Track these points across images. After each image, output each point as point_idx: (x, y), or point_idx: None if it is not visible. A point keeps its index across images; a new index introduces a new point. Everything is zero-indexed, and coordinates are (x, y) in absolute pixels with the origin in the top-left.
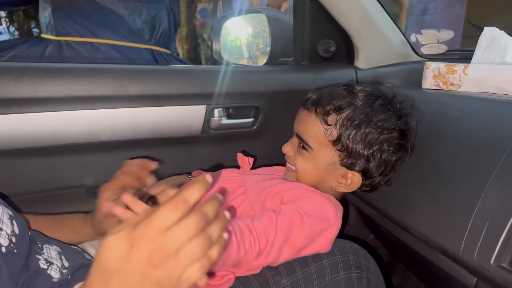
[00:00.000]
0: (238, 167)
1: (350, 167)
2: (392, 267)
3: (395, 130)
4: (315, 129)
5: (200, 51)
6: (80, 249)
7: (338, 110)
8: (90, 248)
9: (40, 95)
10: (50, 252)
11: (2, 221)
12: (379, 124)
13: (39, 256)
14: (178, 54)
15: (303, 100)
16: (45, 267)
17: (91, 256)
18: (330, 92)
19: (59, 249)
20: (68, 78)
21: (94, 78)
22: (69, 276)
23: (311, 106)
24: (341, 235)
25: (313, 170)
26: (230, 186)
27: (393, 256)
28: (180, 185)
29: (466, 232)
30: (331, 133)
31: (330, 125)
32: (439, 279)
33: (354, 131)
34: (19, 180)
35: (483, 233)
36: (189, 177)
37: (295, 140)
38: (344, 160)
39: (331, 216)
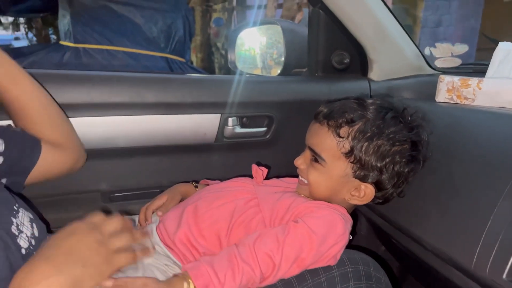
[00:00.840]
0: (250, 176)
1: (363, 179)
2: (403, 280)
3: (406, 141)
4: (328, 141)
5: (213, 59)
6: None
7: (350, 122)
8: None
9: (60, 101)
10: (24, 218)
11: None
12: (391, 136)
13: (14, 219)
14: (192, 63)
15: (315, 114)
16: (16, 233)
17: None
18: (342, 105)
19: (31, 216)
20: (87, 85)
21: (112, 85)
22: (34, 252)
23: (323, 119)
24: (352, 246)
25: (326, 183)
26: (242, 197)
27: (404, 268)
28: (184, 193)
29: (479, 246)
30: (343, 146)
31: (343, 138)
32: None
33: (366, 143)
34: (35, 184)
35: (495, 247)
36: (195, 186)
37: (307, 153)
38: (357, 172)
39: (340, 233)
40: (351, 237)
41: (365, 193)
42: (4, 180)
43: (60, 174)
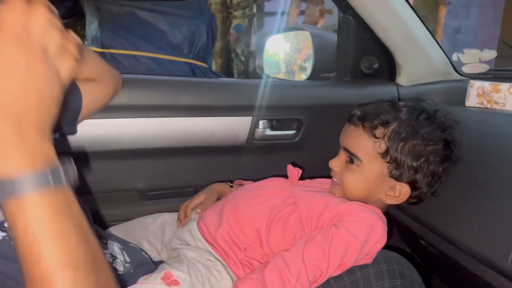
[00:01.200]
0: (282, 176)
1: (398, 178)
2: (430, 282)
3: (440, 141)
4: (364, 142)
5: (233, 65)
6: (138, 248)
7: (385, 124)
8: (145, 243)
9: None
10: (114, 247)
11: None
12: (425, 136)
13: (105, 251)
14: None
15: (349, 116)
16: (111, 260)
17: (147, 255)
18: (375, 108)
19: (120, 246)
20: (128, 88)
21: (151, 88)
22: (132, 270)
23: (357, 121)
24: (385, 246)
25: (362, 184)
26: (279, 195)
27: (430, 270)
28: (220, 192)
29: None
30: (379, 146)
31: (378, 138)
32: None
33: (402, 143)
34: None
35: None
36: (230, 185)
37: (342, 155)
38: (393, 172)
39: (379, 235)
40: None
41: (401, 192)
42: (57, 135)
43: (104, 104)
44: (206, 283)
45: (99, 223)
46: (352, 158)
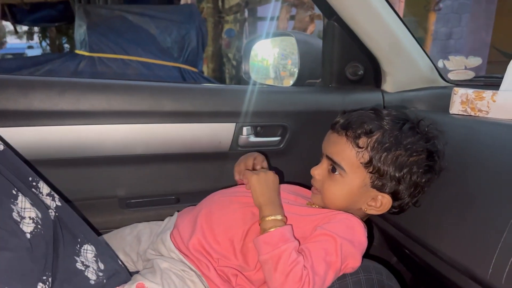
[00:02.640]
0: None
1: (380, 189)
2: None
3: (423, 152)
4: (347, 151)
5: (224, 70)
6: (115, 255)
7: (369, 133)
8: (121, 254)
9: (81, 109)
10: (87, 255)
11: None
12: (408, 146)
13: (76, 258)
14: (203, 73)
15: (332, 124)
16: (82, 269)
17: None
18: (359, 116)
19: (95, 252)
20: (107, 93)
21: (131, 94)
22: (104, 281)
23: (341, 130)
24: (365, 255)
25: (344, 194)
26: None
27: (416, 279)
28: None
29: (495, 256)
30: (362, 156)
31: (362, 148)
32: None
33: (385, 154)
34: (54, 188)
35: (511, 258)
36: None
37: (325, 163)
38: (375, 182)
39: (361, 233)
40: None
41: (382, 203)
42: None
43: None
44: None
45: None
46: (334, 167)
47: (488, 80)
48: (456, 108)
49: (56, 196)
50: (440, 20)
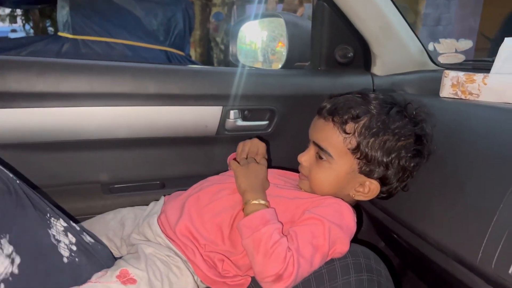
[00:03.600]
0: None
1: (368, 174)
2: (402, 275)
3: (411, 136)
4: (334, 137)
5: (212, 54)
6: (82, 229)
7: (356, 118)
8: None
9: (61, 91)
10: (57, 227)
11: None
12: (396, 131)
13: (48, 231)
14: (191, 57)
15: (318, 109)
16: (55, 243)
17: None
18: (346, 101)
19: (63, 224)
20: (88, 75)
21: (114, 75)
22: (77, 259)
23: (327, 115)
24: (353, 239)
25: (331, 180)
26: None
27: (404, 264)
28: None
29: (484, 241)
30: (350, 142)
31: (349, 134)
32: None
33: (372, 139)
34: (35, 173)
35: (501, 242)
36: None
37: (312, 149)
38: (363, 168)
39: (349, 219)
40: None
41: (370, 189)
42: None
43: None
44: (165, 280)
45: None
46: (322, 154)
47: (479, 64)
48: (446, 91)
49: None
50: (429, 6)
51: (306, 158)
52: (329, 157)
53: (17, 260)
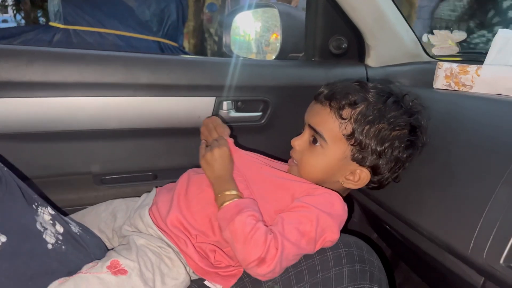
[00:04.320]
0: None
1: (360, 162)
2: (394, 266)
3: (406, 127)
4: (330, 122)
5: (206, 46)
6: (70, 221)
7: (353, 105)
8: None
9: (51, 80)
10: (44, 216)
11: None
12: (392, 120)
13: (36, 218)
14: (184, 48)
15: (315, 94)
16: (41, 230)
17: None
18: (344, 87)
19: (51, 212)
20: (79, 64)
21: (105, 65)
22: (63, 247)
23: (325, 100)
24: (345, 230)
25: (323, 166)
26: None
27: (396, 255)
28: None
29: (476, 232)
30: (345, 127)
31: (345, 119)
32: (444, 279)
33: (367, 126)
34: (25, 164)
35: (493, 233)
36: None
37: (306, 133)
38: (356, 155)
39: (339, 208)
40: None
41: (360, 177)
42: None
43: None
44: (156, 271)
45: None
46: (316, 138)
47: (472, 56)
48: (440, 82)
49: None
50: None
51: (299, 142)
52: (323, 142)
53: (2, 238)
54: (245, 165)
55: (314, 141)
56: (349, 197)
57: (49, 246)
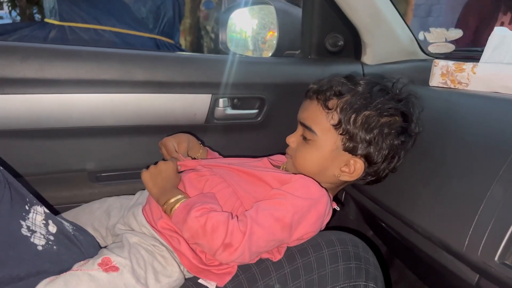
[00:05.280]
0: (239, 157)
1: (352, 151)
2: (390, 264)
3: (395, 113)
4: (317, 114)
5: (203, 43)
6: (64, 221)
7: (338, 95)
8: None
9: (46, 77)
10: (36, 217)
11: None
12: (379, 106)
13: (22, 222)
14: (181, 45)
15: (305, 91)
16: (28, 235)
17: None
18: (330, 80)
19: (44, 213)
20: (74, 61)
21: (100, 62)
22: (55, 247)
23: (312, 95)
24: (341, 228)
25: (315, 158)
26: (219, 187)
27: (391, 252)
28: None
29: (471, 229)
30: (332, 117)
31: (331, 109)
32: (439, 276)
33: (354, 115)
34: (19, 161)
35: (488, 230)
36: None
37: (299, 130)
38: (347, 144)
39: (315, 191)
40: (337, 208)
41: (355, 168)
42: None
43: None
44: (149, 268)
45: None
46: (306, 132)
47: (468, 54)
48: (436, 80)
49: None
50: None
51: (293, 139)
52: (313, 135)
53: None
54: (216, 165)
55: (306, 137)
56: (346, 195)
57: (39, 248)
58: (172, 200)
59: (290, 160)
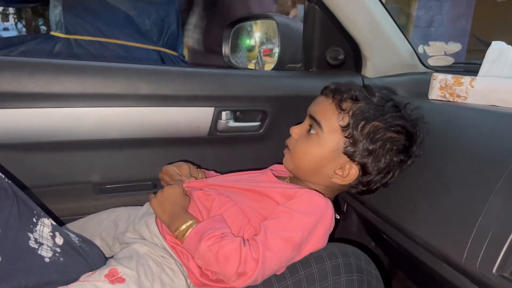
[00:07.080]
0: (242, 170)
1: (351, 156)
2: (392, 275)
3: (402, 131)
4: (330, 111)
5: None
6: (73, 234)
7: (354, 99)
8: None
9: (53, 91)
10: (43, 230)
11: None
12: (388, 120)
13: (30, 235)
14: (184, 57)
15: (322, 89)
16: (35, 247)
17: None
18: (350, 84)
19: (52, 225)
20: (80, 76)
21: (106, 76)
22: (61, 259)
23: (329, 92)
24: (343, 240)
25: (314, 155)
26: (226, 206)
27: (393, 264)
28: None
29: (469, 241)
30: (342, 119)
31: (344, 111)
32: (440, 287)
33: (364, 122)
34: (26, 173)
35: (486, 242)
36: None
37: (306, 122)
38: (348, 148)
39: (321, 204)
40: (338, 217)
41: (349, 173)
42: None
43: None
44: (156, 280)
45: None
46: (313, 126)
47: (467, 67)
48: (435, 93)
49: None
50: (422, 8)
51: (297, 130)
52: (319, 130)
53: None
54: (221, 186)
55: (312, 129)
56: (346, 206)
57: (46, 260)
58: (183, 227)
59: (288, 155)
